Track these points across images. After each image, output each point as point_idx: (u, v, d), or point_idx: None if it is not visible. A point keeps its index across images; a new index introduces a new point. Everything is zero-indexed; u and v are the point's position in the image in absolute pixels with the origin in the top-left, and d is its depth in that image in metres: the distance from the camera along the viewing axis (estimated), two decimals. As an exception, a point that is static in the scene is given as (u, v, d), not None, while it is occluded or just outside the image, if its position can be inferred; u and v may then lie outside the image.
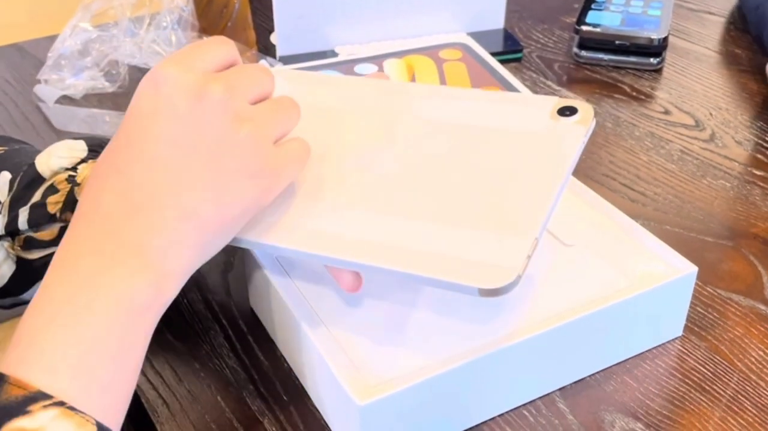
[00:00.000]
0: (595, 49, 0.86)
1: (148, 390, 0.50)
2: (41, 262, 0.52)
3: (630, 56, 0.85)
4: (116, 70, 0.82)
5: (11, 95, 0.82)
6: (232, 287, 0.58)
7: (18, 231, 0.52)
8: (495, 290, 0.38)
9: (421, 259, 0.40)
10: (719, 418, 0.48)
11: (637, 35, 0.84)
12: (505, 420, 0.48)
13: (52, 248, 0.52)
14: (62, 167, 0.53)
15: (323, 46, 0.85)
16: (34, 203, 0.52)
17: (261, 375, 0.51)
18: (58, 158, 0.53)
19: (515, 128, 0.45)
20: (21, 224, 0.52)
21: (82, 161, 0.54)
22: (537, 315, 0.47)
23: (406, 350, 0.45)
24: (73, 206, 0.51)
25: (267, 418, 0.48)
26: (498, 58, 0.86)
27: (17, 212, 0.52)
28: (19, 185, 0.53)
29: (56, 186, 0.52)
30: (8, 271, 0.53)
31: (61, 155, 0.54)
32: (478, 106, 0.47)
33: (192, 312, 0.56)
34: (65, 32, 0.81)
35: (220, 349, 0.53)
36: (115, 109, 0.79)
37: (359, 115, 0.48)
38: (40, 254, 0.52)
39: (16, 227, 0.52)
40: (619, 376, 0.50)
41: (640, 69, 0.85)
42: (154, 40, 0.82)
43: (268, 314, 0.53)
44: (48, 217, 0.52)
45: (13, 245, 0.52)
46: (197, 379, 0.51)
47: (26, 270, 0.53)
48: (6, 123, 0.78)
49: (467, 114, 0.47)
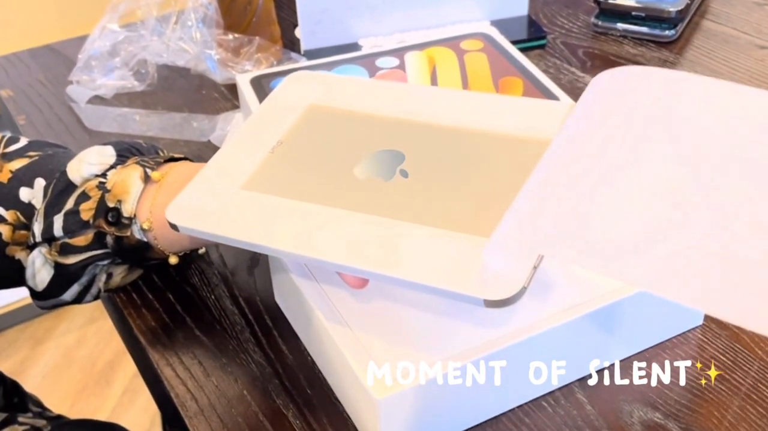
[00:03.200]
0: (612, 19, 0.89)
1: (177, 386, 0.52)
2: (77, 266, 0.54)
3: (645, 27, 0.87)
4: (145, 69, 0.84)
5: (45, 96, 0.85)
6: (258, 283, 0.59)
7: (54, 238, 0.54)
8: (500, 302, 0.38)
9: (426, 267, 0.40)
10: (738, 407, 0.48)
11: (655, 6, 0.86)
12: (524, 411, 0.49)
13: (87, 254, 0.54)
14: (92, 174, 0.55)
15: (347, 39, 0.85)
16: (67, 210, 0.54)
17: (286, 369, 0.52)
18: (88, 165, 0.55)
19: (529, 135, 0.45)
20: (56, 231, 0.54)
21: (111, 167, 0.55)
22: (556, 307, 0.48)
23: (423, 345, 0.46)
24: (104, 213, 0.53)
25: (291, 411, 0.50)
26: (522, 46, 0.86)
27: (52, 219, 0.54)
28: (53, 192, 0.55)
29: (88, 193, 0.54)
30: (47, 276, 0.55)
31: (91, 161, 0.55)
32: (496, 111, 0.48)
33: (219, 308, 0.57)
34: (94, 33, 0.83)
35: (246, 344, 0.54)
36: (144, 107, 0.81)
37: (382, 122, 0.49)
38: (76, 259, 0.54)
39: (52, 233, 0.54)
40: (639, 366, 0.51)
41: (657, 42, 0.87)
42: (181, 38, 0.83)
43: (291, 310, 0.55)
44: (81, 223, 0.53)
45: (50, 251, 0.54)
46: (224, 374, 0.53)
47: (63, 274, 0.55)
48: (40, 124, 0.80)
49: (486, 119, 0.47)
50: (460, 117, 0.48)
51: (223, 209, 0.46)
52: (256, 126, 0.52)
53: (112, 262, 0.55)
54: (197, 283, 0.60)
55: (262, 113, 0.53)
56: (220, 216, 0.46)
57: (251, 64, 0.83)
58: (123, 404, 1.56)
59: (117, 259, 0.55)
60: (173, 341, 0.55)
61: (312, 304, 0.49)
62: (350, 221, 0.44)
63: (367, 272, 0.42)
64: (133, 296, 0.59)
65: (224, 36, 0.83)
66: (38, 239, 0.54)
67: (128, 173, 0.54)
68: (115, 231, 0.53)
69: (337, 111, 0.51)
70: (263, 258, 0.61)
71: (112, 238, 0.53)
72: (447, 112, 0.49)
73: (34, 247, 0.55)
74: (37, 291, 0.56)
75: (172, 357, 0.54)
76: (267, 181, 0.47)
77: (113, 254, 0.54)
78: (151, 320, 0.57)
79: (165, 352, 0.55)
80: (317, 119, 0.52)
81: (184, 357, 0.54)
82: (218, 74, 0.83)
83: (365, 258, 0.42)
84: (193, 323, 0.57)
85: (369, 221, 0.44)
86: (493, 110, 0.48)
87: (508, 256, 0.39)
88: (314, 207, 0.45)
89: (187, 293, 0.59)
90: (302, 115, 0.52)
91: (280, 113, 0.52)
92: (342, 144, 0.49)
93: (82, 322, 1.74)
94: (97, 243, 0.54)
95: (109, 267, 0.56)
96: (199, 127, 0.77)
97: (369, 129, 0.49)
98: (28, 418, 0.71)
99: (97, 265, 0.55)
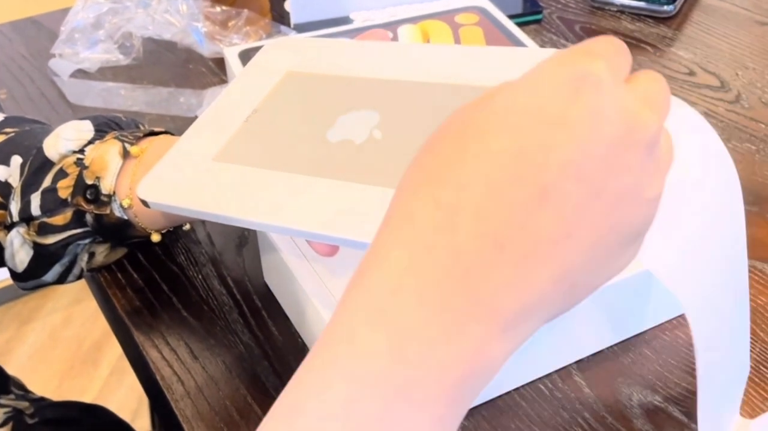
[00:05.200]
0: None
1: (163, 367, 0.50)
2: (56, 246, 0.52)
3: (643, 2, 0.85)
4: (130, 43, 0.81)
5: (27, 70, 0.82)
6: (247, 262, 0.58)
7: (32, 217, 0.52)
8: None
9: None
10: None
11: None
12: (520, 394, 0.47)
13: (66, 233, 0.52)
14: (70, 150, 0.53)
15: (338, 12, 0.83)
16: (45, 188, 0.52)
17: (275, 350, 0.51)
18: (65, 141, 0.53)
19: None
20: (34, 210, 0.52)
21: (89, 143, 0.53)
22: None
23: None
24: (83, 191, 0.51)
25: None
26: (517, 21, 0.84)
27: (29, 197, 0.52)
28: (30, 169, 0.53)
29: (65, 170, 0.52)
30: (26, 257, 0.53)
31: (68, 137, 0.53)
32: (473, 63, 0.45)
33: (207, 288, 0.56)
34: (77, 5, 0.81)
35: (234, 325, 0.53)
36: (129, 82, 0.79)
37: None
38: (55, 238, 0.52)
39: (30, 213, 0.52)
40: (637, 348, 0.50)
41: (656, 17, 0.85)
42: (167, 10, 0.81)
43: (281, 290, 0.53)
44: (59, 202, 0.52)
45: (29, 230, 0.52)
46: (212, 356, 0.51)
47: (43, 255, 0.53)
48: (22, 98, 0.78)
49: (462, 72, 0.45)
50: (438, 71, 0.46)
51: (194, 183, 0.45)
52: (232, 96, 0.50)
53: (93, 241, 0.54)
54: (184, 262, 0.58)
55: (238, 83, 0.51)
56: (190, 190, 0.44)
57: (239, 38, 0.80)
58: (110, 384, 1.54)
59: (98, 237, 0.53)
60: (159, 322, 0.54)
61: (302, 284, 0.47)
62: (317, 187, 0.42)
63: (332, 239, 0.40)
64: (118, 275, 0.57)
65: (212, 8, 0.81)
66: (15, 218, 0.52)
67: (107, 149, 0.52)
68: (94, 209, 0.51)
69: (314, 76, 0.50)
70: (252, 237, 0.59)
71: (91, 216, 0.52)
72: (426, 67, 0.47)
73: (12, 227, 0.53)
74: (17, 272, 0.54)
75: (158, 339, 0.52)
76: (239, 151, 0.46)
77: (94, 232, 0.53)
78: (137, 301, 0.55)
79: (150, 333, 0.53)
80: (293, 86, 0.50)
81: (170, 338, 0.52)
82: (205, 48, 0.81)
83: (330, 225, 0.40)
84: (179, 303, 0.55)
85: (336, 186, 0.42)
86: (471, 62, 0.46)
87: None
88: (283, 176, 0.43)
89: (174, 272, 0.57)
90: (279, 82, 0.50)
91: (257, 81, 0.51)
92: (316, 109, 0.47)
93: (68, 301, 1.72)
94: (77, 222, 0.52)
95: (90, 246, 0.54)
96: (186, 102, 0.75)
97: (343, 91, 0.47)
98: (11, 400, 0.69)
99: (78, 244, 0.53)
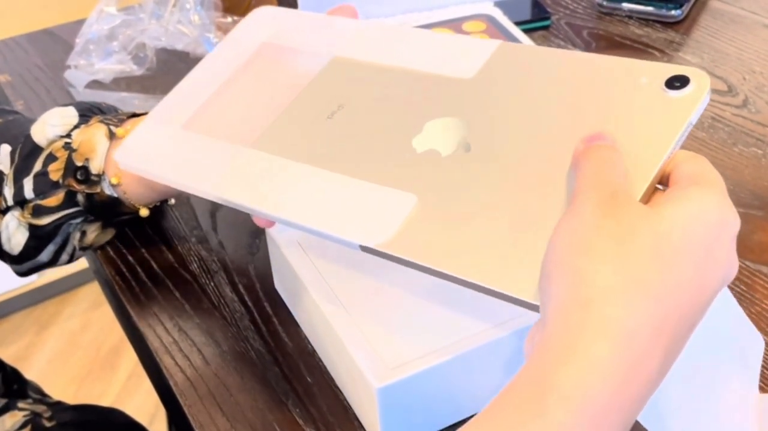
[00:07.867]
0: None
1: (176, 374, 0.51)
2: (51, 226, 0.56)
3: (651, 6, 0.86)
4: (143, 53, 0.83)
5: (43, 81, 0.84)
6: (258, 269, 0.59)
7: (26, 200, 0.56)
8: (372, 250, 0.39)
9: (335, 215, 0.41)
10: (744, 394, 0.47)
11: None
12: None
13: (60, 213, 0.56)
14: (57, 135, 0.56)
15: (348, 21, 0.84)
16: (36, 172, 0.55)
17: (286, 357, 0.52)
18: (52, 127, 0.56)
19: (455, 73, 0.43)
20: (27, 193, 0.55)
21: (75, 128, 0.57)
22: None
23: (423, 332, 0.46)
24: (73, 172, 0.55)
25: (291, 400, 0.49)
26: (525, 27, 0.84)
27: (22, 182, 0.55)
28: (20, 156, 0.56)
29: (54, 154, 0.56)
30: (22, 238, 0.57)
31: (54, 123, 0.57)
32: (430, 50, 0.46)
33: (218, 296, 0.57)
34: (92, 17, 0.82)
35: (245, 332, 0.54)
36: (143, 92, 0.80)
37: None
38: (50, 219, 0.56)
39: (23, 196, 0.55)
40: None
41: (663, 22, 0.85)
42: (180, 21, 0.82)
43: (291, 297, 0.54)
44: (51, 184, 0.55)
45: (23, 213, 0.56)
46: (224, 362, 0.52)
47: (38, 236, 0.57)
48: (38, 109, 0.79)
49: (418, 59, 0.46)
50: (399, 56, 0.46)
51: (162, 150, 0.48)
52: (208, 66, 0.52)
53: (84, 220, 0.57)
54: (196, 270, 0.59)
55: (216, 53, 0.53)
56: (159, 156, 0.47)
57: (251, 48, 0.81)
58: (128, 389, 1.56)
59: (90, 216, 0.57)
60: (172, 329, 0.55)
61: (311, 291, 0.48)
62: (265, 163, 0.44)
63: (271, 216, 0.42)
64: (132, 283, 0.58)
65: (223, 19, 0.82)
66: (10, 203, 0.56)
67: (93, 132, 0.55)
68: (85, 189, 0.55)
69: (286, 49, 0.51)
70: (263, 245, 0.60)
71: (83, 196, 0.55)
72: (389, 50, 0.47)
73: (7, 211, 0.56)
74: (12, 255, 0.58)
75: (171, 346, 0.54)
76: (205, 121, 0.48)
77: (85, 211, 0.56)
78: (151, 308, 0.56)
79: (164, 340, 0.54)
80: (267, 57, 0.51)
81: (182, 344, 0.54)
82: (217, 58, 0.82)
83: (264, 199, 0.42)
84: (192, 310, 0.56)
85: (285, 165, 0.43)
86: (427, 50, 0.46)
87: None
88: (239, 148, 0.45)
89: (186, 280, 0.58)
90: (254, 53, 0.51)
91: (234, 52, 0.52)
92: (283, 82, 0.48)
93: (87, 307, 1.73)
94: (69, 202, 0.56)
95: (82, 225, 0.57)
96: (199, 111, 0.76)
97: (314, 67, 0.48)
98: (28, 404, 0.71)
99: (70, 223, 0.57)
